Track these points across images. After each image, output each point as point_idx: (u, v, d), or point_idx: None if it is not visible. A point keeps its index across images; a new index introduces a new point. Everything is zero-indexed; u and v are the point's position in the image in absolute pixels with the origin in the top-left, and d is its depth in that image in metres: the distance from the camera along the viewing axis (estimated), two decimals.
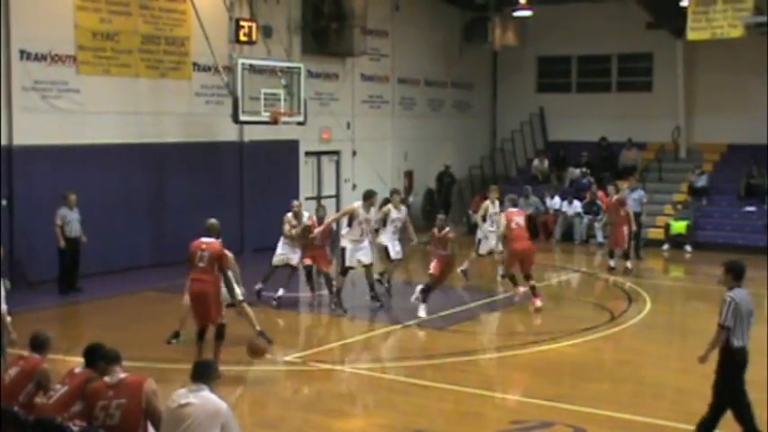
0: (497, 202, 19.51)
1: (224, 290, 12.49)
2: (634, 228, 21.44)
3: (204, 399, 7.10)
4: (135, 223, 20.39)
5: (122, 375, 7.45)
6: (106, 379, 7.41)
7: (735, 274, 9.34)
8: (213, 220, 12.65)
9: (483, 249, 19.28)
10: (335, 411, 11.18)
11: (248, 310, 13.29)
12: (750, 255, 23.48)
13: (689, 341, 14.05)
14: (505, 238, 17.17)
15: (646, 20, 27.47)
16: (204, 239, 12.30)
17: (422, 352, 13.87)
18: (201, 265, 12.05)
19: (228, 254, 12.49)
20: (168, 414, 7.14)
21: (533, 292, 16.56)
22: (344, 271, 16.64)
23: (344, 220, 16.95)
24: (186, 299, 12.91)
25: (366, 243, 16.86)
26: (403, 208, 17.84)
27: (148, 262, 20.51)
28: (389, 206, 17.61)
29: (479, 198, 28.38)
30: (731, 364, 9.23)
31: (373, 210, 16.95)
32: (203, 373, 7.31)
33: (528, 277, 16.68)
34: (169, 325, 14.70)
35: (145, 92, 20.60)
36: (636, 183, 24.66)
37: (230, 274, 12.61)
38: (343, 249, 16.56)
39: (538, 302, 16.34)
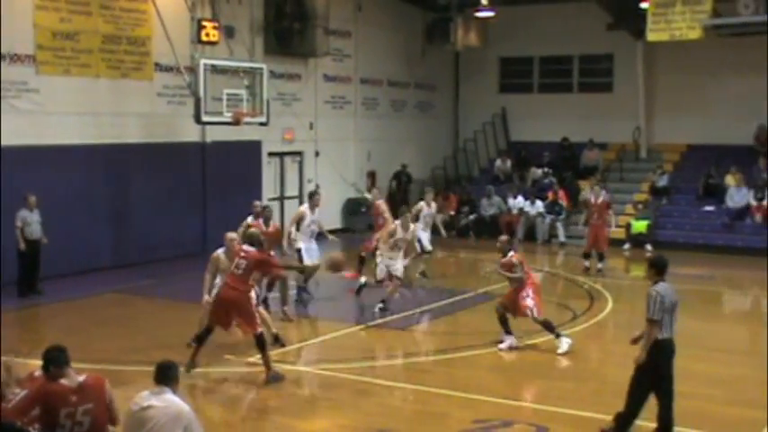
0: (433, 204, 20.24)
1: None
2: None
3: (166, 401, 7.04)
4: (96, 225, 20.24)
5: (81, 378, 7.14)
6: (64, 382, 7.05)
7: (657, 269, 9.74)
8: (255, 230, 12.87)
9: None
10: (299, 412, 11.16)
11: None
12: (709, 254, 23.86)
13: None
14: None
15: (606, 21, 27.68)
16: (245, 247, 12.31)
17: (385, 352, 13.89)
18: (238, 272, 12.04)
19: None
20: (130, 417, 7.05)
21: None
22: (303, 269, 16.78)
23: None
24: (206, 299, 13.16)
25: (314, 244, 17.01)
26: (411, 227, 17.09)
27: (110, 263, 20.37)
28: (396, 226, 16.80)
29: (442, 198, 28.56)
30: (656, 356, 9.55)
31: (318, 210, 17.02)
32: (166, 376, 7.22)
33: None
34: (131, 327, 14.65)
35: (106, 92, 20.45)
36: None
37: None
38: (299, 250, 16.88)
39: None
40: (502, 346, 13.79)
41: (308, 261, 16.84)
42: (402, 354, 13.65)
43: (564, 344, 13.58)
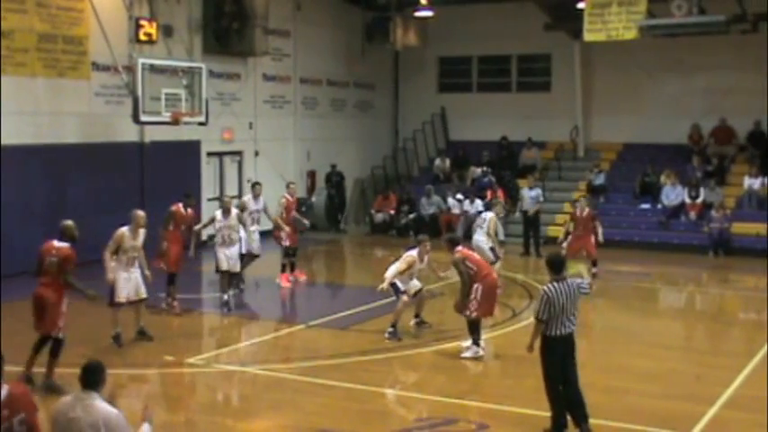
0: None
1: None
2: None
3: (93, 408, 6.62)
4: (32, 226, 19.92)
5: (5, 390, 6.44)
6: None
7: (550, 268, 9.96)
8: (68, 222, 12.27)
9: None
10: (240, 413, 11.14)
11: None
12: (645, 251, 24.23)
13: (588, 336, 14.34)
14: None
15: (544, 21, 27.95)
16: (56, 243, 11.85)
17: (326, 352, 13.89)
18: (51, 269, 11.66)
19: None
20: (55, 424, 6.66)
21: None
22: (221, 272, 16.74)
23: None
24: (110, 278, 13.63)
25: (234, 249, 16.65)
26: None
27: None
28: (414, 258, 14.82)
29: (382, 198, 28.64)
30: (546, 352, 9.91)
31: (232, 214, 16.67)
32: (92, 380, 6.77)
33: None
34: (70, 329, 14.43)
35: (42, 92, 20.17)
36: (533, 182, 25.19)
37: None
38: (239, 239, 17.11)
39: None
40: (465, 354, 13.43)
41: (222, 266, 16.60)
42: (343, 353, 13.65)
43: (471, 352, 13.37)
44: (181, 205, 16.55)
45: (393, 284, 14.58)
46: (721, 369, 12.92)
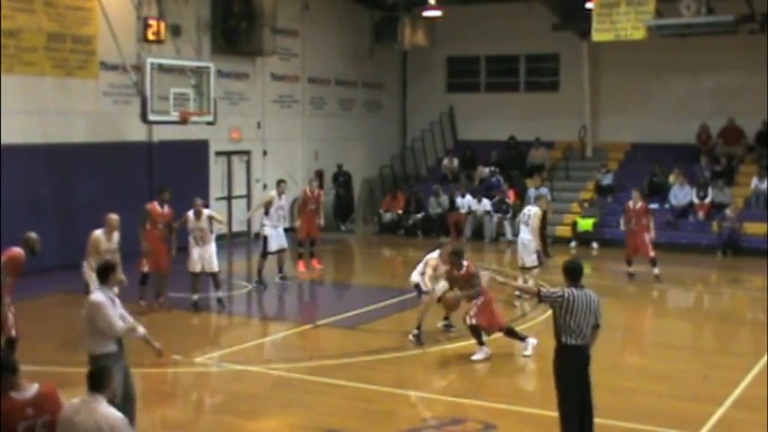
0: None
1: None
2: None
3: (96, 412, 6.48)
4: (41, 225, 19.84)
5: (35, 388, 6.53)
6: (14, 395, 6.40)
7: (567, 275, 9.42)
8: (32, 235, 12.48)
9: None
10: (248, 412, 11.15)
11: None
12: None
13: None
14: None
15: (552, 21, 27.92)
16: (13, 248, 12.03)
17: (334, 351, 13.90)
18: None
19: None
20: (60, 428, 6.51)
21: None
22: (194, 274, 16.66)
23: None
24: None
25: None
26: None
27: (55, 264, 20.11)
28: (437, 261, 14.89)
29: (390, 197, 28.64)
30: (559, 360, 9.39)
31: (205, 216, 16.64)
32: (98, 383, 6.63)
33: None
34: (79, 327, 14.52)
35: (50, 91, 20.23)
36: (539, 181, 25.18)
37: None
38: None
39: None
40: (476, 357, 13.30)
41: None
42: (351, 352, 13.66)
43: (481, 354, 13.26)
44: (156, 203, 16.47)
45: (416, 285, 14.43)
46: (729, 369, 12.90)
